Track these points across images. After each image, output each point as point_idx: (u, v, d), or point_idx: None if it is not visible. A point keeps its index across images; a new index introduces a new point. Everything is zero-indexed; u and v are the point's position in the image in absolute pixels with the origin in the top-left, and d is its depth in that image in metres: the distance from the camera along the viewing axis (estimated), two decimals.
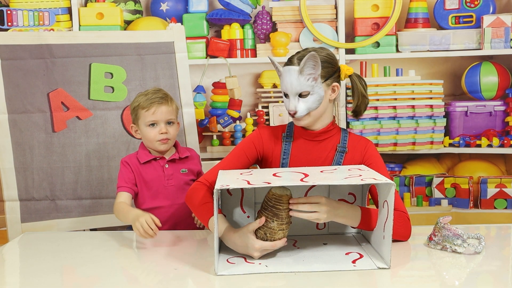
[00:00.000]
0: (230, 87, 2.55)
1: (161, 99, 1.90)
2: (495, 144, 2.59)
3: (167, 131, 1.90)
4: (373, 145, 1.71)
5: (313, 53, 1.57)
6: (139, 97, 1.93)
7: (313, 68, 1.58)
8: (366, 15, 2.56)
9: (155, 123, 1.90)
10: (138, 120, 1.92)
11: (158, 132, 1.89)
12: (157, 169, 1.95)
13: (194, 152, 2.08)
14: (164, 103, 1.90)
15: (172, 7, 2.56)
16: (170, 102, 1.93)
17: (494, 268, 1.39)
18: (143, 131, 1.92)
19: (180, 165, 1.98)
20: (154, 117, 1.89)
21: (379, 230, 1.44)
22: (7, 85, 2.44)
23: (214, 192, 1.32)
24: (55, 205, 2.50)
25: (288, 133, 1.71)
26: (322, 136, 1.68)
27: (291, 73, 1.60)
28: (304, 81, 1.58)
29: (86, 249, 1.63)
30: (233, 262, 1.42)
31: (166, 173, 1.94)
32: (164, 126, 1.90)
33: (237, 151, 1.71)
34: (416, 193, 2.66)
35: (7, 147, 2.46)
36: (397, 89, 2.58)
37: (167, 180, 1.94)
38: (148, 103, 1.88)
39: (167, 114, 1.90)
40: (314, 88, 1.60)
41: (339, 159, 1.68)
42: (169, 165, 1.96)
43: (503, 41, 2.51)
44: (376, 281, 1.33)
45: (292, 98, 1.60)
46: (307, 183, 1.34)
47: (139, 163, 1.93)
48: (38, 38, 2.43)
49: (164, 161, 1.95)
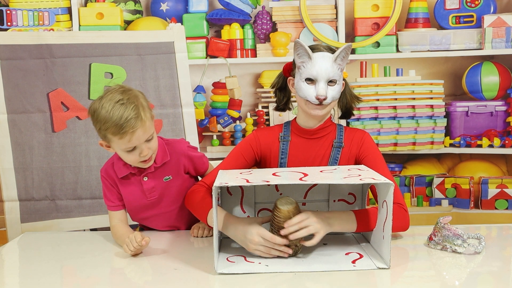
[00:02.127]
0: (230, 87, 2.55)
1: (135, 121, 1.50)
2: (496, 144, 2.58)
3: (148, 149, 1.57)
4: (369, 136, 1.70)
5: (350, 44, 1.60)
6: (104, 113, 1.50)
7: (343, 59, 1.61)
8: (366, 15, 2.55)
9: (135, 147, 1.56)
10: (110, 143, 1.57)
11: (138, 155, 1.57)
12: (134, 184, 1.68)
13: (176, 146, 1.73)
14: (139, 127, 1.51)
15: (172, 7, 2.56)
16: (144, 118, 1.52)
17: (495, 268, 1.39)
18: (120, 154, 1.61)
19: (162, 173, 1.69)
20: (131, 144, 1.53)
21: (379, 230, 1.44)
22: (6, 85, 2.44)
23: (213, 189, 1.31)
24: (55, 205, 2.50)
25: (285, 132, 1.71)
26: (320, 133, 1.68)
27: (325, 59, 1.59)
28: (336, 69, 1.60)
29: (86, 249, 1.62)
30: (233, 261, 1.42)
31: (145, 188, 1.67)
32: (145, 146, 1.56)
33: (235, 154, 1.71)
34: (417, 193, 2.66)
35: (7, 147, 2.46)
36: (397, 89, 2.58)
37: (149, 194, 1.68)
38: (119, 131, 1.50)
39: (144, 135, 1.54)
40: (339, 79, 1.62)
41: (336, 155, 1.67)
42: (149, 176, 1.67)
43: (504, 41, 2.51)
44: (376, 281, 1.32)
45: (323, 83, 1.59)
46: (306, 182, 1.34)
47: (116, 177, 1.68)
48: (38, 38, 2.43)
49: (142, 173, 1.66)
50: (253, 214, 1.62)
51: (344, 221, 1.48)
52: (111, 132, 1.51)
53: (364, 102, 2.57)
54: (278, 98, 1.79)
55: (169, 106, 2.49)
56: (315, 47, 1.64)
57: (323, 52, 1.61)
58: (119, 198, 1.71)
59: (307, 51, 1.58)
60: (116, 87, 1.58)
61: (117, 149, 1.58)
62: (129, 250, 1.49)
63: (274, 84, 1.78)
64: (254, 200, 1.62)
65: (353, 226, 1.49)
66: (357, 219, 1.48)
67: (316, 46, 1.65)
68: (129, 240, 1.49)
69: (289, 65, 1.71)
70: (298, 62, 1.62)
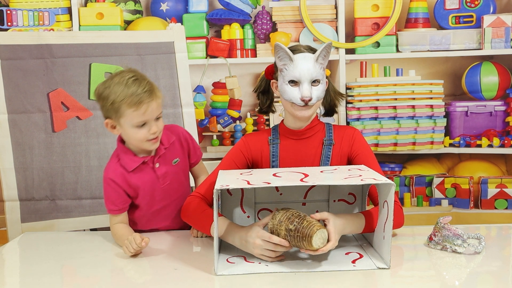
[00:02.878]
0: (230, 87, 2.55)
1: (149, 93, 1.55)
2: (496, 144, 2.58)
3: (157, 128, 1.60)
4: (359, 133, 1.70)
5: (330, 43, 1.59)
6: (118, 88, 1.54)
7: (324, 58, 1.61)
8: (366, 15, 2.56)
9: (145, 123, 1.58)
10: (120, 118, 1.57)
11: (148, 132, 1.58)
12: (147, 174, 1.68)
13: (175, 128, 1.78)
14: (153, 98, 1.57)
15: (172, 7, 2.56)
16: (157, 93, 1.60)
17: (494, 268, 1.39)
18: (128, 132, 1.60)
19: (170, 156, 1.72)
20: (144, 118, 1.56)
21: (379, 230, 1.44)
22: (7, 85, 2.44)
23: (214, 191, 1.31)
24: (55, 205, 2.50)
25: (274, 135, 1.72)
26: (308, 133, 1.68)
27: (307, 60, 1.58)
28: (318, 69, 1.59)
29: (86, 249, 1.63)
30: (233, 262, 1.42)
31: (159, 174, 1.69)
32: (154, 123, 1.59)
33: (227, 161, 1.71)
34: (417, 193, 2.66)
35: (7, 147, 2.46)
36: (397, 89, 2.58)
37: (162, 180, 1.70)
38: (135, 102, 1.53)
39: (157, 111, 1.59)
40: (323, 78, 1.62)
41: (327, 153, 1.67)
42: (160, 162, 1.69)
43: (503, 41, 2.51)
44: (376, 281, 1.32)
45: (307, 84, 1.58)
46: (307, 183, 1.34)
47: (126, 172, 1.66)
48: (38, 38, 2.43)
49: (152, 159, 1.68)
50: (253, 214, 1.62)
51: (356, 224, 1.49)
52: (126, 104, 1.53)
53: (364, 102, 2.57)
54: (261, 101, 1.80)
55: (169, 106, 2.49)
56: (296, 48, 1.63)
57: (304, 53, 1.60)
58: (125, 200, 1.68)
59: (288, 53, 1.58)
60: (124, 69, 1.61)
61: (127, 125, 1.58)
62: (129, 251, 1.49)
63: (257, 88, 1.79)
64: (254, 201, 1.62)
65: (361, 229, 1.50)
66: (366, 222, 1.49)
67: (296, 47, 1.64)
68: (129, 241, 1.49)
69: (271, 68, 1.70)
70: (279, 65, 1.61)
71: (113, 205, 1.67)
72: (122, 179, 1.66)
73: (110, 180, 1.66)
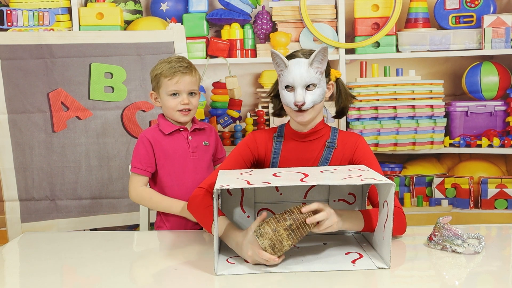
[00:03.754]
0: (230, 87, 2.55)
1: (185, 68, 1.81)
2: (496, 144, 2.58)
3: (189, 101, 1.82)
4: (364, 140, 1.70)
5: (325, 46, 1.59)
6: (162, 64, 1.83)
7: (321, 61, 1.61)
8: (366, 15, 2.56)
9: (177, 93, 1.81)
10: (159, 88, 1.83)
11: (179, 102, 1.81)
12: (181, 141, 1.86)
13: (209, 125, 2.01)
14: (188, 73, 1.81)
15: (172, 7, 2.57)
16: (194, 72, 1.84)
17: (494, 268, 1.39)
18: (164, 100, 1.83)
19: (202, 137, 1.91)
20: (176, 87, 1.80)
21: (379, 230, 1.44)
22: (7, 85, 2.45)
23: (213, 192, 1.31)
24: (55, 205, 2.50)
25: (279, 133, 1.73)
26: (312, 136, 1.69)
27: (300, 65, 1.61)
28: (313, 73, 1.60)
29: (86, 249, 1.62)
30: (232, 262, 1.42)
31: (191, 146, 1.86)
32: (187, 96, 1.81)
33: (234, 156, 1.72)
34: (417, 193, 2.66)
35: (7, 147, 2.46)
36: (397, 89, 2.58)
37: (193, 152, 1.86)
38: (171, 72, 1.79)
39: (190, 85, 1.82)
40: (320, 82, 1.62)
41: (327, 155, 1.67)
42: (193, 137, 1.88)
43: (503, 41, 2.51)
44: (376, 281, 1.32)
45: (300, 89, 1.61)
46: (307, 183, 1.34)
47: (162, 135, 1.84)
48: (38, 38, 2.43)
49: (187, 132, 1.87)
50: (253, 214, 1.62)
51: (354, 220, 1.48)
52: (163, 73, 1.79)
53: (364, 102, 2.57)
54: (274, 105, 1.81)
55: None
56: (293, 54, 1.66)
57: (298, 58, 1.62)
58: (151, 164, 1.83)
59: (283, 60, 1.61)
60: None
61: (163, 94, 1.81)
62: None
63: (270, 92, 1.81)
64: (254, 200, 1.62)
65: (361, 226, 1.49)
66: (365, 220, 1.49)
67: (294, 53, 1.66)
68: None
69: None
70: (277, 71, 1.65)
71: (139, 163, 1.81)
72: (156, 141, 1.83)
73: (144, 139, 1.83)
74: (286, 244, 1.36)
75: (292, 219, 1.35)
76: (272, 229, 1.35)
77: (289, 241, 1.36)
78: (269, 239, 1.35)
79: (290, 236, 1.36)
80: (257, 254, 1.36)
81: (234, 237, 1.44)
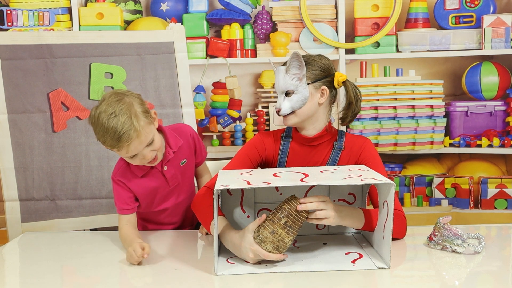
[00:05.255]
0: (230, 87, 2.55)
1: (128, 135, 1.51)
2: (496, 144, 2.58)
3: (150, 154, 1.61)
4: (370, 143, 1.71)
5: (296, 53, 1.61)
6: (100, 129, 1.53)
7: (298, 68, 1.63)
8: (366, 15, 2.56)
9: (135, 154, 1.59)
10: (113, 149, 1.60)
11: (141, 159, 1.61)
12: (156, 177, 1.72)
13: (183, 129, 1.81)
14: (134, 138, 1.53)
15: (172, 7, 2.57)
16: (137, 129, 1.53)
17: (494, 268, 1.39)
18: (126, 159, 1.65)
19: (177, 158, 1.75)
20: (130, 154, 1.58)
21: (379, 230, 1.44)
22: (7, 85, 2.45)
23: (213, 192, 1.32)
24: (55, 205, 2.50)
25: (286, 133, 1.74)
26: (317, 141, 1.69)
27: (279, 73, 1.66)
28: (289, 80, 1.63)
29: (86, 249, 1.63)
30: (232, 262, 1.42)
31: (168, 177, 1.73)
32: (146, 151, 1.59)
33: (240, 156, 1.73)
34: (416, 193, 2.66)
35: (7, 147, 2.46)
36: (397, 89, 2.58)
37: (171, 182, 1.75)
38: (116, 145, 1.54)
39: (142, 144, 1.57)
40: (298, 88, 1.63)
41: (335, 157, 1.68)
42: (168, 165, 1.73)
43: (503, 41, 2.51)
44: (376, 281, 1.33)
45: (279, 96, 1.67)
46: (307, 183, 1.34)
47: (134, 175, 1.70)
48: (38, 38, 2.43)
49: (161, 164, 1.71)
50: (253, 214, 1.62)
51: (354, 217, 1.49)
52: (109, 145, 1.56)
53: (364, 102, 2.57)
54: None
55: (169, 106, 2.50)
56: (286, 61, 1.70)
57: (280, 66, 1.67)
58: (133, 200, 1.72)
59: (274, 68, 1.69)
60: (110, 95, 1.57)
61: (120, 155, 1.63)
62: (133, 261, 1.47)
63: None
64: (254, 200, 1.62)
65: (360, 224, 1.50)
66: (365, 218, 1.49)
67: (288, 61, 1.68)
68: (129, 255, 1.47)
69: None
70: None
71: (125, 204, 1.70)
72: (129, 181, 1.70)
73: (118, 181, 1.70)
74: (288, 240, 1.39)
75: (286, 215, 1.38)
76: (270, 232, 1.38)
77: (289, 236, 1.38)
78: (271, 243, 1.38)
79: (289, 232, 1.38)
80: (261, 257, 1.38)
81: (230, 238, 1.45)
